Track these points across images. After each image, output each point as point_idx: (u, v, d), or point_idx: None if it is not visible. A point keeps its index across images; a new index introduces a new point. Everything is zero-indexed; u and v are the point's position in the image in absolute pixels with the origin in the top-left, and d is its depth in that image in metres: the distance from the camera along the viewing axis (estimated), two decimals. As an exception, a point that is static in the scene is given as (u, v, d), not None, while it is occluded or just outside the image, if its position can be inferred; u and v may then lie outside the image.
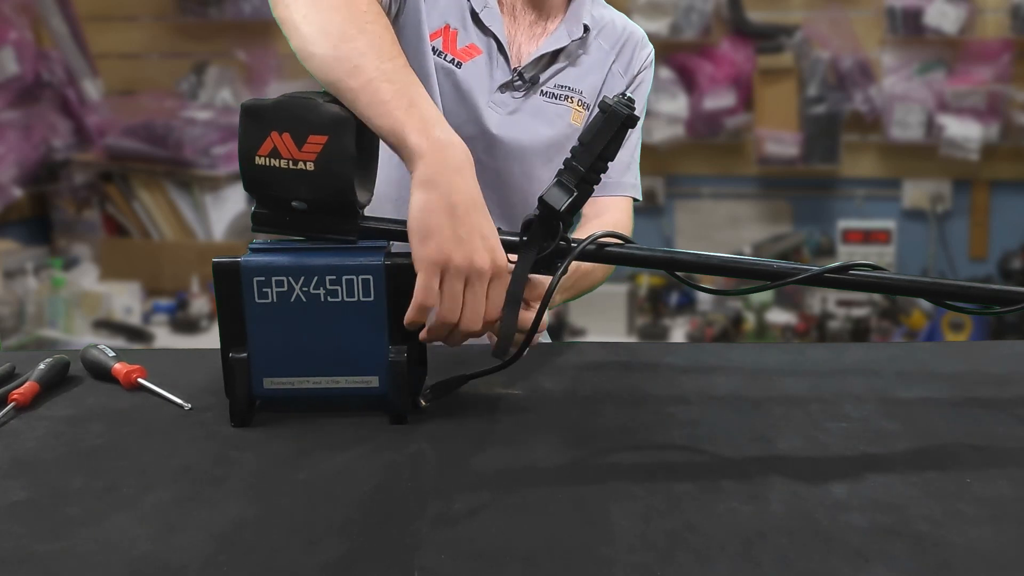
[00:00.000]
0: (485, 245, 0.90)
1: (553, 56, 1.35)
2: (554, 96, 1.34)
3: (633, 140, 1.44)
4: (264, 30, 4.05)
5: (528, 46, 1.35)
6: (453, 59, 1.29)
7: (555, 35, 1.35)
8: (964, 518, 0.79)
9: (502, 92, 1.32)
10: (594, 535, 0.76)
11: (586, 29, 1.36)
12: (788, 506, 0.81)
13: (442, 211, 0.89)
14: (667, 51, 4.02)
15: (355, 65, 0.94)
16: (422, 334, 0.95)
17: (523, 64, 1.33)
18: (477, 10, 1.31)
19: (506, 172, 1.33)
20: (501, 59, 1.32)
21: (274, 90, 4.06)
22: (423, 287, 0.89)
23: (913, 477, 0.86)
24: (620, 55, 1.41)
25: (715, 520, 0.79)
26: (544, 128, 1.33)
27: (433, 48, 1.29)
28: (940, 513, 0.80)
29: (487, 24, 1.31)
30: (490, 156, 1.31)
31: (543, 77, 1.35)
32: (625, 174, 1.43)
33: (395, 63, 0.95)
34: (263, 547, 0.75)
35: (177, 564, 0.72)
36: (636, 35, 1.44)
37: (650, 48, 1.45)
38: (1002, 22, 3.85)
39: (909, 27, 3.89)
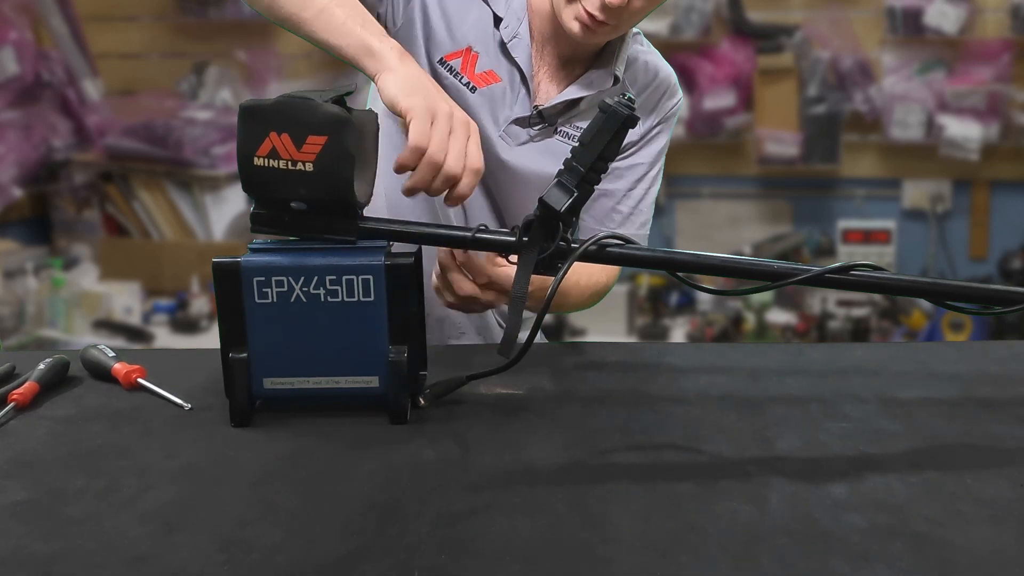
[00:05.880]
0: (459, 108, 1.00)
1: (576, 100, 1.30)
2: (568, 136, 1.30)
3: (636, 193, 1.36)
4: (264, 30, 4.04)
5: (550, 86, 1.31)
6: (468, 83, 1.27)
7: (582, 82, 1.30)
8: (964, 518, 0.79)
9: (517, 125, 1.29)
10: (594, 535, 0.76)
11: (616, 81, 1.30)
12: (788, 506, 0.81)
13: (422, 77, 1.01)
14: (667, 51, 4.01)
15: None
16: (406, 184, 0.99)
17: (544, 105, 1.29)
18: (506, 39, 1.27)
19: (506, 197, 1.32)
20: (523, 92, 1.29)
21: (274, 90, 4.06)
22: (418, 130, 0.96)
23: (913, 477, 0.86)
24: (645, 102, 1.34)
25: (715, 520, 0.79)
26: (552, 165, 1.27)
27: (451, 68, 1.27)
28: (940, 513, 0.80)
29: (514, 55, 1.28)
30: (493, 179, 1.30)
31: (561, 119, 1.31)
32: (624, 225, 1.36)
33: None
34: (263, 547, 0.75)
35: (177, 564, 0.73)
36: (666, 82, 1.36)
37: (679, 97, 1.38)
38: (1002, 22, 3.85)
39: (909, 27, 3.89)
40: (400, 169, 0.98)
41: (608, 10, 1.17)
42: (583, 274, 1.30)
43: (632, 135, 1.34)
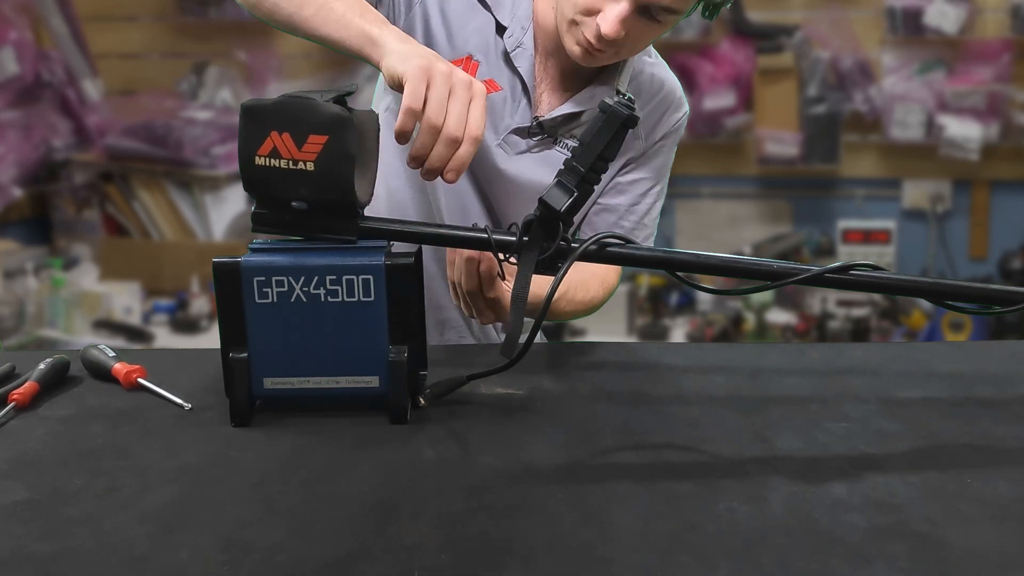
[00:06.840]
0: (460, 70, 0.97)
1: (577, 113, 1.29)
2: (567, 147, 1.29)
3: (640, 208, 1.35)
4: (264, 30, 4.03)
5: (552, 97, 1.30)
6: None
7: (583, 95, 1.29)
8: (964, 518, 0.79)
9: (516, 134, 1.28)
10: (594, 535, 0.76)
11: (618, 94, 1.26)
12: (788, 506, 0.81)
13: (422, 48, 0.99)
14: (667, 51, 4.00)
15: None
16: (409, 153, 0.96)
17: (545, 116, 1.28)
18: (509, 49, 1.26)
19: (504, 206, 1.31)
20: (524, 102, 1.27)
21: (274, 90, 4.06)
22: (411, 92, 0.93)
23: (913, 477, 0.86)
24: (649, 115, 1.32)
25: (715, 520, 0.79)
26: (550, 175, 1.26)
27: None
28: (940, 513, 0.80)
29: (516, 64, 1.26)
30: (490, 188, 1.30)
31: (561, 131, 1.30)
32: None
33: None
34: (263, 547, 0.75)
35: (177, 564, 0.73)
36: (671, 95, 1.35)
37: (684, 111, 1.36)
38: (1002, 22, 3.85)
39: (909, 27, 3.89)
40: (400, 135, 0.95)
41: (604, 40, 1.16)
42: (579, 288, 1.28)
43: (635, 149, 1.33)
